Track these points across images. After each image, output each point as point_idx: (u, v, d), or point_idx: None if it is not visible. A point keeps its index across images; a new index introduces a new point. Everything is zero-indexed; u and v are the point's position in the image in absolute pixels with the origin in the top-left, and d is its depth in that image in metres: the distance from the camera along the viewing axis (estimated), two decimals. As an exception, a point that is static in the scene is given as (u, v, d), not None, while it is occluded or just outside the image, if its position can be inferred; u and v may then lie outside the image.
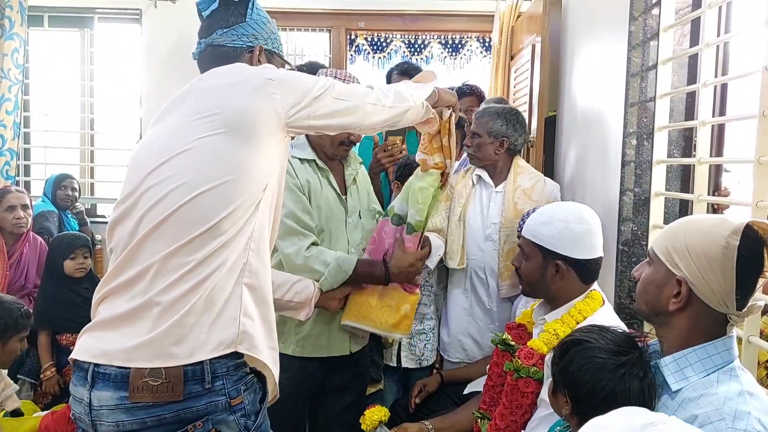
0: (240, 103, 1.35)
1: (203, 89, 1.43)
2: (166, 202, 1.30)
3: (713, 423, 1.05)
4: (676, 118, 2.19)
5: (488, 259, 2.49)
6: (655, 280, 1.22)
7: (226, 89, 1.39)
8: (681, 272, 1.17)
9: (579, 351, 1.23)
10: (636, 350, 1.22)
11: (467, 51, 4.36)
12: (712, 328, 1.17)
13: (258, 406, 1.38)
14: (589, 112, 2.71)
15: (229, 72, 1.44)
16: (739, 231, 1.12)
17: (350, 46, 4.31)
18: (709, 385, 1.13)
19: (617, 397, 1.16)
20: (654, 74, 2.15)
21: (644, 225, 2.19)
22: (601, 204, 2.42)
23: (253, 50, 1.54)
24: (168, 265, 1.28)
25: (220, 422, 1.29)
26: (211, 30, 1.53)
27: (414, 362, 2.58)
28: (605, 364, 1.19)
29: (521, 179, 2.54)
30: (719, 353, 1.16)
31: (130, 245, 1.32)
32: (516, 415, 1.65)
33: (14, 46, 3.83)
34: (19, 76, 3.88)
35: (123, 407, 1.25)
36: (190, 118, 1.36)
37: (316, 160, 2.05)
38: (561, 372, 1.24)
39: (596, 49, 2.65)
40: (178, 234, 1.28)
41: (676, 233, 1.21)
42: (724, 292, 1.13)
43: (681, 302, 1.17)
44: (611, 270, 2.27)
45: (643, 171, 2.19)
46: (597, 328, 1.28)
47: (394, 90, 1.58)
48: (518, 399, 1.65)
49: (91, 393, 1.28)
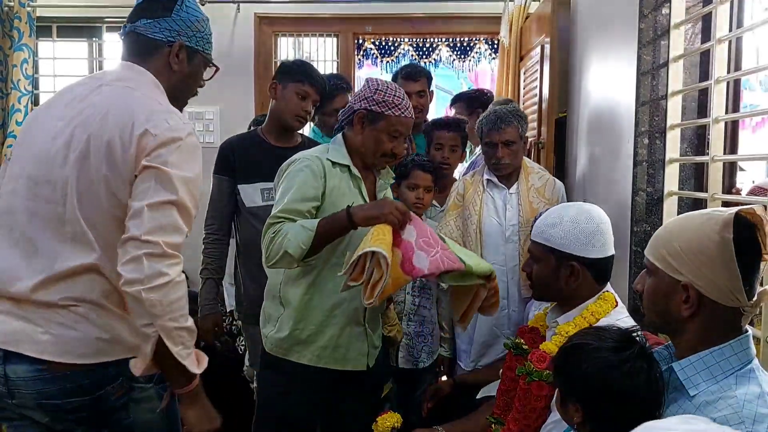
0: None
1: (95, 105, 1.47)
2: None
3: (732, 426, 1.02)
4: (688, 116, 2.16)
5: (509, 261, 2.48)
6: (661, 290, 1.21)
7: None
8: (685, 277, 1.15)
9: (580, 355, 1.21)
10: (635, 344, 1.21)
11: (476, 53, 4.33)
12: (728, 324, 1.15)
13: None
14: (600, 112, 2.69)
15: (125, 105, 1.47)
16: (730, 223, 1.11)
17: (358, 50, 4.29)
18: (727, 388, 1.11)
19: (626, 393, 1.15)
20: (665, 72, 2.12)
21: (658, 225, 2.15)
22: (613, 204, 2.39)
23: (172, 45, 1.57)
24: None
25: (132, 379, 1.48)
26: (137, 17, 1.58)
27: (410, 363, 2.58)
28: (609, 361, 1.17)
29: (532, 179, 2.56)
30: (736, 354, 1.14)
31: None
32: (529, 419, 1.62)
33: (23, 57, 3.85)
34: (29, 86, 3.89)
35: (42, 378, 1.40)
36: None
37: (351, 167, 2.00)
38: (566, 380, 1.22)
39: (606, 48, 2.62)
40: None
41: (668, 238, 1.19)
42: (732, 287, 1.11)
43: (693, 307, 1.15)
44: (625, 271, 2.24)
45: (655, 170, 2.16)
46: (593, 329, 1.28)
47: (180, 307, 1.43)
48: (531, 403, 1.62)
49: (6, 367, 1.40)
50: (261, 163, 2.42)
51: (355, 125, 1.99)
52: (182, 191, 1.42)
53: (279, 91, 2.45)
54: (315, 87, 2.44)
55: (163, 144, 1.42)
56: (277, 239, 1.82)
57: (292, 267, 1.90)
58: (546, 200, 2.51)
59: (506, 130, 2.45)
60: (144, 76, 1.56)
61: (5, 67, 3.87)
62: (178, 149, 1.44)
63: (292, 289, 1.98)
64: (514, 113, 2.49)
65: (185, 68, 1.61)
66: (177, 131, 1.45)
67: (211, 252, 2.45)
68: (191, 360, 1.45)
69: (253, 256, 2.39)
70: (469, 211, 2.53)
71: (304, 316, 1.97)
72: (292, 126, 2.49)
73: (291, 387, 2.01)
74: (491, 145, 2.49)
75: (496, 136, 2.45)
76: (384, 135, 1.97)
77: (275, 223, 1.86)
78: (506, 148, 2.47)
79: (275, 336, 2.00)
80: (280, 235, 1.82)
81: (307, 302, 1.97)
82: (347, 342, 2.01)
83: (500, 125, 2.45)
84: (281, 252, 1.80)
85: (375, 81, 2.00)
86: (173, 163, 1.42)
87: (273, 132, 2.50)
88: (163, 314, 1.37)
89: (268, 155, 2.42)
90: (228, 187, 2.46)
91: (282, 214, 1.86)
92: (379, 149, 1.99)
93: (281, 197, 1.91)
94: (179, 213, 1.42)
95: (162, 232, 1.38)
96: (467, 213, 2.53)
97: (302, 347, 1.98)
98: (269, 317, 2.05)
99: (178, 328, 1.40)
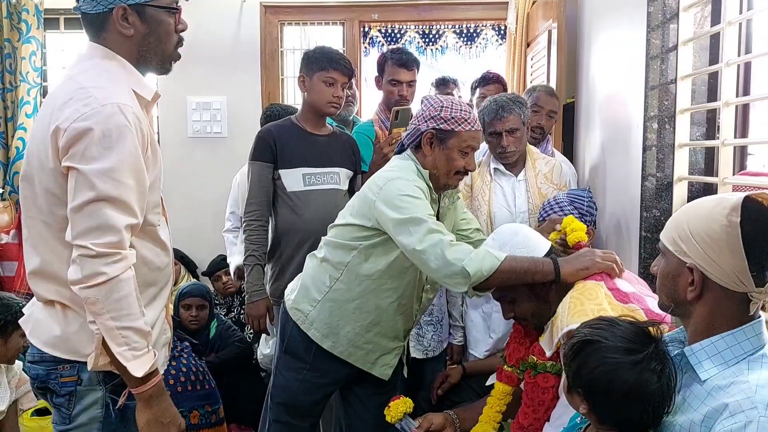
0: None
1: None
2: None
3: (745, 411, 1.02)
4: (698, 100, 2.14)
5: None
6: (669, 272, 1.21)
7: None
8: (690, 259, 1.15)
9: (591, 352, 1.18)
10: (651, 343, 1.18)
11: (482, 40, 4.30)
12: (736, 310, 1.14)
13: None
14: (609, 97, 2.67)
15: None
16: (738, 207, 1.10)
17: (364, 38, 4.28)
18: (739, 373, 1.10)
19: (633, 396, 1.13)
20: (674, 56, 2.11)
21: (667, 210, 2.14)
22: (622, 190, 2.39)
23: (113, 12, 1.45)
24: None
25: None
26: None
27: (421, 353, 2.59)
28: (620, 364, 1.15)
29: (539, 165, 2.55)
30: (749, 339, 1.13)
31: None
32: (538, 412, 1.63)
33: (32, 50, 3.85)
34: (38, 79, 3.90)
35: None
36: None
37: (432, 190, 1.96)
38: (575, 374, 1.20)
39: (614, 32, 2.60)
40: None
41: (680, 221, 1.19)
42: (738, 271, 1.11)
43: (697, 289, 1.15)
44: (635, 257, 2.23)
45: (665, 155, 2.15)
46: (606, 323, 1.23)
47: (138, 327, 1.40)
48: (539, 396, 1.62)
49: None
50: (302, 149, 2.46)
51: (423, 147, 1.93)
52: (102, 185, 1.34)
53: (307, 83, 2.47)
54: (340, 70, 2.45)
55: (73, 139, 1.35)
56: (454, 253, 1.68)
57: (456, 289, 1.77)
58: (554, 186, 2.51)
59: (508, 118, 2.43)
60: (94, 52, 1.49)
61: (14, 60, 3.87)
62: (89, 141, 1.35)
63: (350, 290, 1.96)
64: (514, 100, 2.48)
65: (140, 29, 1.49)
66: (87, 119, 1.35)
67: (256, 239, 2.44)
68: (138, 363, 1.39)
69: (291, 240, 2.42)
70: (478, 201, 2.52)
71: (347, 314, 1.98)
72: (328, 113, 2.51)
73: (311, 373, 2.04)
74: (495, 135, 2.47)
75: (499, 125, 2.44)
76: (455, 152, 1.91)
77: (429, 235, 1.72)
78: (510, 135, 2.46)
79: (317, 317, 2.00)
80: (461, 252, 1.68)
81: (358, 305, 1.97)
82: (381, 350, 2.03)
83: (502, 114, 2.43)
84: (457, 269, 1.66)
85: (436, 99, 1.95)
86: (87, 158, 1.35)
87: (309, 120, 2.52)
88: (103, 312, 1.35)
89: (307, 142, 2.48)
90: (270, 173, 2.47)
91: (437, 226, 1.75)
92: (452, 168, 1.93)
93: (418, 217, 1.77)
94: (110, 207, 1.35)
95: (89, 235, 1.34)
96: (476, 204, 2.53)
97: (338, 338, 1.99)
98: (308, 296, 2.02)
99: (121, 327, 1.36)
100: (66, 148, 1.36)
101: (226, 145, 4.03)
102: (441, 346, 2.63)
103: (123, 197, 1.37)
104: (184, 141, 4.09)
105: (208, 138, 4.06)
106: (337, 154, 2.53)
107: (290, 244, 2.45)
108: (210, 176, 3.96)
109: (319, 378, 2.05)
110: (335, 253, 1.97)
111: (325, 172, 2.49)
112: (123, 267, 1.37)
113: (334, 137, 2.56)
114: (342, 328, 1.99)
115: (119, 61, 1.49)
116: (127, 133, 1.38)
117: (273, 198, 2.48)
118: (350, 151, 2.60)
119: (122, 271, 1.36)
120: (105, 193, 1.35)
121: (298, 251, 2.38)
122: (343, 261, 1.95)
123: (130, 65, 1.51)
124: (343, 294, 1.97)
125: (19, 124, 3.86)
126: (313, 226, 2.33)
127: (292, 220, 2.43)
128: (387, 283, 1.94)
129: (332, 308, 1.98)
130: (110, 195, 1.35)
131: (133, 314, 1.39)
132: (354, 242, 1.93)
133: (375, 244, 1.90)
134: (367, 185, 1.96)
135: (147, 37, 1.51)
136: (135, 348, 1.39)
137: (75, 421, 1.51)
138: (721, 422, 1.04)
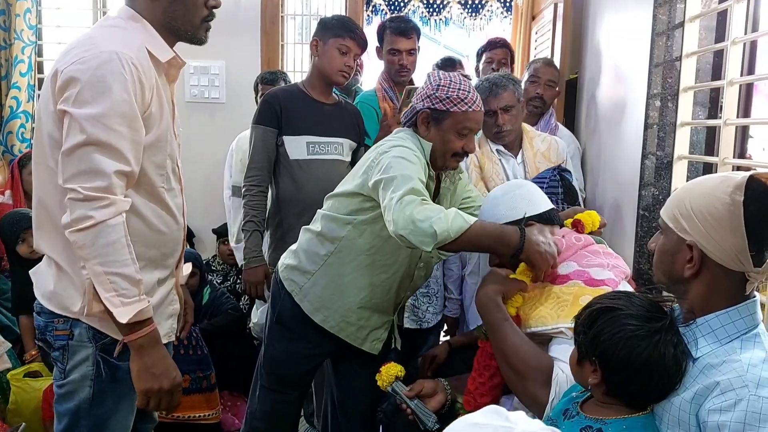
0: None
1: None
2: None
3: (736, 390, 1.02)
4: (702, 79, 2.12)
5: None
6: (668, 249, 1.20)
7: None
8: (690, 236, 1.14)
9: (609, 319, 1.17)
10: (666, 317, 1.18)
11: (487, 11, 4.25)
12: (732, 289, 1.14)
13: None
14: (612, 74, 2.64)
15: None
16: (742, 186, 1.09)
17: (367, 6, 4.22)
18: (731, 352, 1.10)
19: (652, 365, 1.13)
20: (680, 33, 2.08)
21: (666, 190, 2.13)
22: (622, 167, 2.37)
23: None
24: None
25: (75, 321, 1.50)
26: None
27: (415, 323, 2.60)
28: (638, 331, 1.14)
29: (536, 143, 2.51)
30: (743, 318, 1.13)
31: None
32: (484, 377, 1.64)
33: (26, 7, 3.78)
34: (32, 37, 3.84)
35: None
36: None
37: (430, 168, 1.89)
38: (591, 342, 1.19)
39: (620, 8, 2.56)
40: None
41: (681, 198, 1.18)
42: (738, 250, 1.10)
43: (695, 267, 1.14)
44: (631, 235, 2.23)
45: (666, 134, 2.13)
46: (624, 294, 1.24)
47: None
48: (486, 361, 1.64)
49: None
50: (307, 116, 2.43)
51: (419, 126, 1.87)
52: (92, 129, 1.34)
53: (320, 48, 2.42)
54: (356, 41, 2.41)
55: (67, 82, 1.35)
56: (424, 212, 1.60)
57: (420, 248, 1.64)
58: (552, 163, 2.46)
59: (503, 96, 2.37)
60: (121, 12, 1.51)
61: (8, 17, 3.80)
62: (82, 85, 1.34)
63: (343, 265, 1.94)
64: (507, 77, 2.43)
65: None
66: (83, 63, 1.35)
67: (256, 204, 2.41)
68: (125, 309, 1.37)
69: (291, 209, 2.41)
70: (495, 182, 2.43)
71: (339, 289, 1.96)
72: (337, 81, 2.46)
73: (301, 344, 2.04)
74: (490, 114, 2.38)
75: (494, 102, 2.38)
76: (451, 134, 1.83)
77: (408, 194, 1.64)
78: (506, 113, 2.40)
79: (310, 289, 1.98)
80: (430, 210, 1.60)
81: (351, 281, 1.95)
82: (372, 326, 2.02)
83: (497, 90, 2.37)
84: (425, 226, 1.58)
85: (437, 75, 1.87)
86: (79, 101, 1.34)
87: (316, 87, 2.48)
88: (91, 257, 1.35)
89: (313, 109, 2.44)
90: (274, 139, 2.44)
91: (419, 190, 1.68)
92: (448, 149, 1.85)
93: (408, 174, 1.71)
94: (99, 152, 1.35)
95: (78, 178, 1.34)
96: (492, 185, 2.42)
97: (330, 312, 1.98)
98: (302, 268, 2.00)
99: (109, 273, 1.35)
100: (61, 91, 1.37)
101: (224, 111, 3.98)
102: (436, 318, 2.63)
103: (113, 142, 1.36)
104: (181, 106, 4.01)
105: (206, 103, 4.01)
106: (342, 124, 2.51)
107: (291, 212, 2.43)
108: (207, 142, 3.93)
109: (310, 349, 2.05)
110: (330, 226, 1.95)
111: (330, 141, 2.47)
112: (111, 212, 1.35)
113: (339, 107, 2.53)
114: (334, 302, 1.97)
115: (142, 24, 1.51)
116: (121, 80, 1.37)
117: (274, 165, 2.46)
118: (355, 122, 2.57)
119: (110, 216, 1.35)
120: (95, 137, 1.34)
121: (299, 220, 2.34)
122: (338, 236, 1.93)
123: (152, 29, 1.51)
124: (336, 269, 1.95)
125: (14, 83, 3.79)
126: (315, 197, 2.27)
127: (293, 190, 2.42)
128: (381, 260, 1.92)
129: (326, 282, 1.97)
130: (99, 139, 1.34)
131: (121, 260, 1.37)
132: (349, 216, 1.91)
133: (370, 219, 1.88)
134: (365, 154, 1.95)
135: (173, 3, 1.51)
136: (124, 294, 1.37)
137: (69, 376, 1.52)
138: (711, 400, 1.05)
